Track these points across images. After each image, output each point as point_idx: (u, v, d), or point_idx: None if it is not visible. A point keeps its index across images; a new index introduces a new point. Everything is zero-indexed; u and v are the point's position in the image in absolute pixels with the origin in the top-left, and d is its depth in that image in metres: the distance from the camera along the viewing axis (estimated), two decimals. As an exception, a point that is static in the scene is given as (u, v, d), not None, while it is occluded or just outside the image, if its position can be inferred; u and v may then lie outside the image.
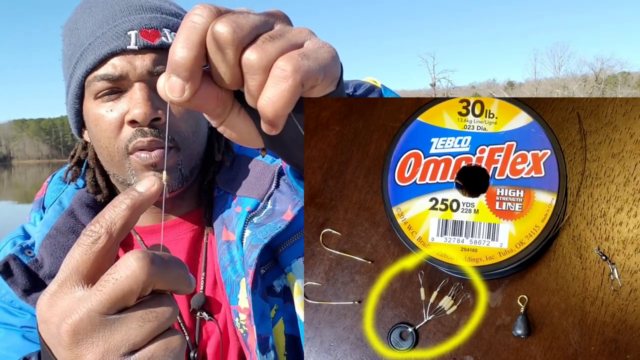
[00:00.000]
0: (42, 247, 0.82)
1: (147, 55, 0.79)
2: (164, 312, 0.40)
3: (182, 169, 0.83)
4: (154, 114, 0.78)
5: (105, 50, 0.78)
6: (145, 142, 0.79)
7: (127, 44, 0.78)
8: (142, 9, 0.82)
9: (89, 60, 0.79)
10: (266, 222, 0.80)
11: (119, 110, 0.80)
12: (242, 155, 0.92)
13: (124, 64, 0.78)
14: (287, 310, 0.82)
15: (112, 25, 0.80)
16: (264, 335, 0.78)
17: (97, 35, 0.80)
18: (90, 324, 0.39)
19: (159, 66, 0.79)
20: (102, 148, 0.83)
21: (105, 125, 0.81)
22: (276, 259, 0.82)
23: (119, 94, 0.80)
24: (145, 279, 0.39)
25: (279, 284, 0.82)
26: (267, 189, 0.84)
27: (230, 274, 0.82)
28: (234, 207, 0.85)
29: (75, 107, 0.85)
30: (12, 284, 0.79)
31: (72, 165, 0.93)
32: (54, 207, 0.88)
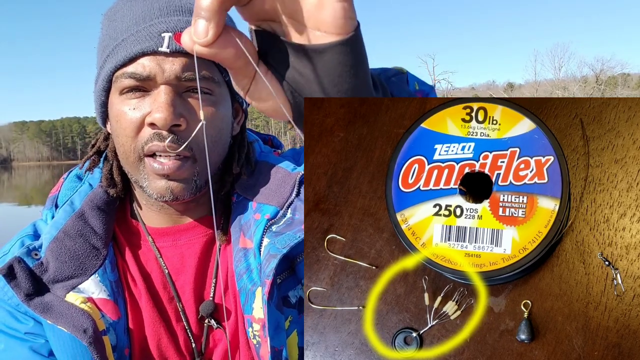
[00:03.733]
0: (48, 250, 0.82)
1: (178, 59, 0.78)
2: None
3: (197, 180, 0.82)
4: (175, 120, 0.77)
5: (137, 49, 0.78)
6: (161, 146, 0.78)
7: (160, 45, 0.77)
8: (181, 10, 0.81)
9: (119, 56, 0.79)
10: (285, 231, 0.79)
11: (142, 110, 0.79)
12: (263, 162, 0.91)
13: (153, 65, 0.78)
14: (301, 322, 0.81)
15: (148, 24, 0.79)
16: (277, 348, 0.77)
17: (131, 32, 0.79)
18: None
19: (188, 72, 0.78)
20: (120, 145, 0.83)
21: (126, 123, 0.80)
22: (293, 268, 0.81)
23: (144, 92, 0.80)
24: None
25: (295, 295, 0.81)
26: (288, 197, 0.82)
27: (245, 282, 0.81)
28: (253, 213, 0.84)
29: (102, 99, 0.85)
30: (15, 287, 0.78)
31: (92, 154, 0.92)
32: (65, 208, 0.87)
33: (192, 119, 0.80)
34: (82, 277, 0.81)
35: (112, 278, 0.84)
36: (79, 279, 0.81)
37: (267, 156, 0.93)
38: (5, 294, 0.82)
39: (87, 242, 0.83)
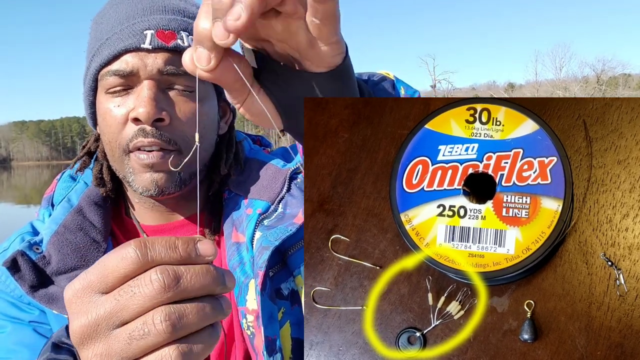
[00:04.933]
0: (50, 244, 0.83)
1: (160, 54, 0.80)
2: (162, 330, 0.40)
3: (181, 173, 0.84)
4: (158, 114, 0.79)
5: (120, 46, 0.79)
6: (145, 142, 0.80)
7: (142, 42, 0.79)
8: (164, 9, 0.83)
9: (104, 54, 0.81)
10: (277, 224, 0.81)
11: (126, 106, 0.81)
12: (253, 159, 0.93)
13: (135, 60, 0.79)
14: (293, 314, 0.83)
15: (130, 23, 0.81)
16: (271, 337, 0.78)
17: (115, 31, 0.81)
18: (96, 330, 0.40)
19: (170, 66, 0.80)
20: (106, 142, 0.85)
21: (111, 120, 0.82)
22: (285, 261, 0.83)
23: (128, 90, 0.81)
24: (164, 300, 0.40)
25: (287, 287, 0.83)
26: (279, 192, 0.85)
27: (239, 275, 0.82)
28: (245, 209, 0.86)
29: (90, 99, 0.87)
30: (19, 279, 0.79)
31: (82, 155, 0.94)
32: (63, 205, 0.89)
33: (174, 114, 0.81)
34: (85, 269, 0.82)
35: None
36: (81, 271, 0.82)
37: (257, 153, 0.95)
38: (8, 286, 0.84)
39: (87, 236, 0.84)
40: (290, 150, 0.97)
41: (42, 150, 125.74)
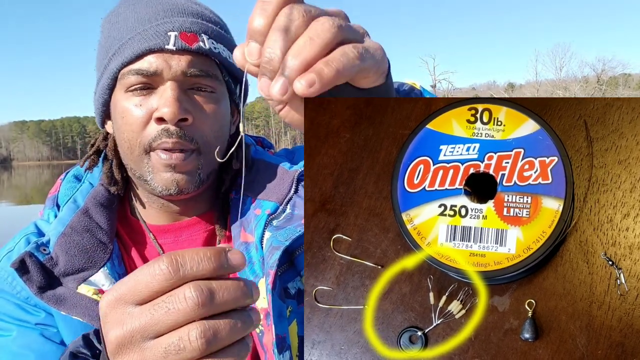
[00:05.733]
0: (57, 245, 0.83)
1: (184, 57, 0.81)
2: (197, 347, 0.41)
3: (200, 174, 0.85)
4: (182, 114, 0.80)
5: (144, 46, 0.80)
6: (169, 142, 0.80)
7: (166, 43, 0.80)
8: (185, 12, 0.84)
9: (126, 53, 0.81)
10: (286, 225, 0.82)
11: (148, 106, 0.81)
12: (260, 160, 0.93)
13: (159, 61, 0.80)
14: (300, 312, 0.83)
15: (153, 24, 0.82)
16: (281, 335, 0.79)
17: (137, 32, 0.82)
18: (131, 341, 0.41)
19: (193, 69, 0.81)
20: (124, 141, 0.85)
21: (132, 119, 0.82)
22: (292, 261, 0.84)
23: (149, 90, 0.82)
24: (195, 316, 0.41)
25: (294, 286, 0.84)
26: (287, 194, 0.86)
27: (247, 274, 0.83)
28: (253, 209, 0.87)
29: (104, 97, 0.87)
30: (27, 281, 0.80)
31: (91, 154, 0.94)
32: (69, 206, 0.89)
33: (197, 114, 0.82)
34: (92, 270, 0.83)
35: (119, 271, 0.86)
36: (89, 272, 0.82)
37: (263, 154, 0.96)
38: (14, 288, 0.84)
39: (94, 237, 0.85)
40: (293, 152, 0.99)
41: (43, 150, 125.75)
